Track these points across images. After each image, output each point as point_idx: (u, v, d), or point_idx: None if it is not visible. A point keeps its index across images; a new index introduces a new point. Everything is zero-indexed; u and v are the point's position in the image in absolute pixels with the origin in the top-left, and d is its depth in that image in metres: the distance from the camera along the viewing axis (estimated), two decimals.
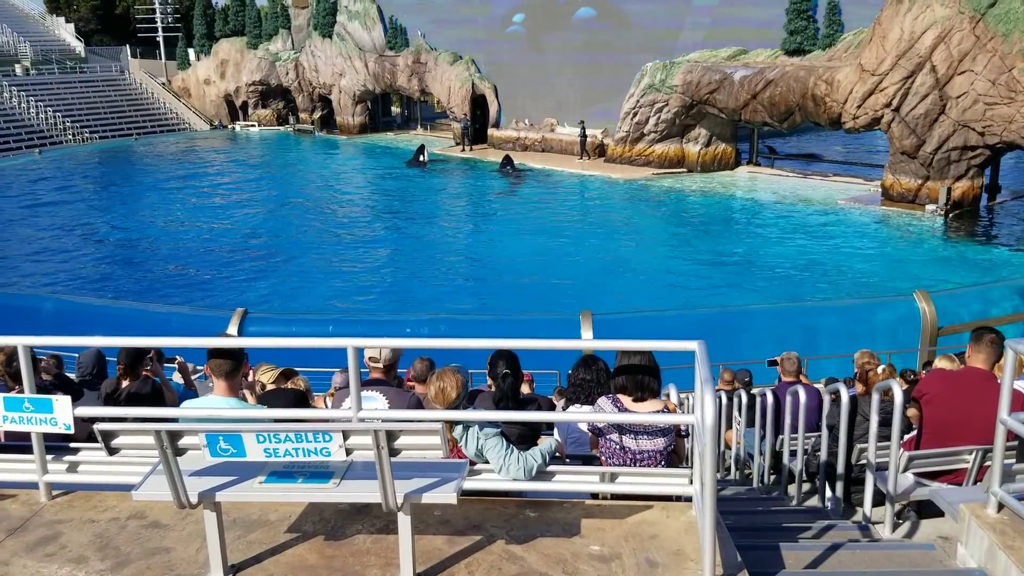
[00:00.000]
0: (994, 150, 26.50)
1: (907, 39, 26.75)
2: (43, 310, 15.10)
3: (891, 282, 20.21)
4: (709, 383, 3.39)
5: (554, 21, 40.70)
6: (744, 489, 8.44)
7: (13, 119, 49.64)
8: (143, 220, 30.57)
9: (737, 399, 9.54)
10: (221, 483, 3.46)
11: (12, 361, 5.21)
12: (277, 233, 28.22)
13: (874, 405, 5.43)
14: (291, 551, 3.78)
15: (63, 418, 3.99)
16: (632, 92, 35.50)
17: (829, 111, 29.12)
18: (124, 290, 22.01)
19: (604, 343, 4.75)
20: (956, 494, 4.67)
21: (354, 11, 49.91)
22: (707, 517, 3.33)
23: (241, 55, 56.58)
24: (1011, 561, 3.63)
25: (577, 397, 4.86)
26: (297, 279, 22.72)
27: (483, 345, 4.35)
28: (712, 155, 35.95)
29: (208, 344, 4.43)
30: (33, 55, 59.51)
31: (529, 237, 26.22)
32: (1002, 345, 5.11)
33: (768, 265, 22.82)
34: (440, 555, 3.70)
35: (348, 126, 51.79)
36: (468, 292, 21.37)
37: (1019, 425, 3.81)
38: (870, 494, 5.48)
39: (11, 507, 4.30)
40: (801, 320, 14.93)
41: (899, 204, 28.12)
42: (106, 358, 7.02)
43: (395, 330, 13.67)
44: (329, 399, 6.76)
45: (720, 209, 30.05)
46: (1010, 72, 24.42)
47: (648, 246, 25.24)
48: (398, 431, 3.40)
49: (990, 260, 23.08)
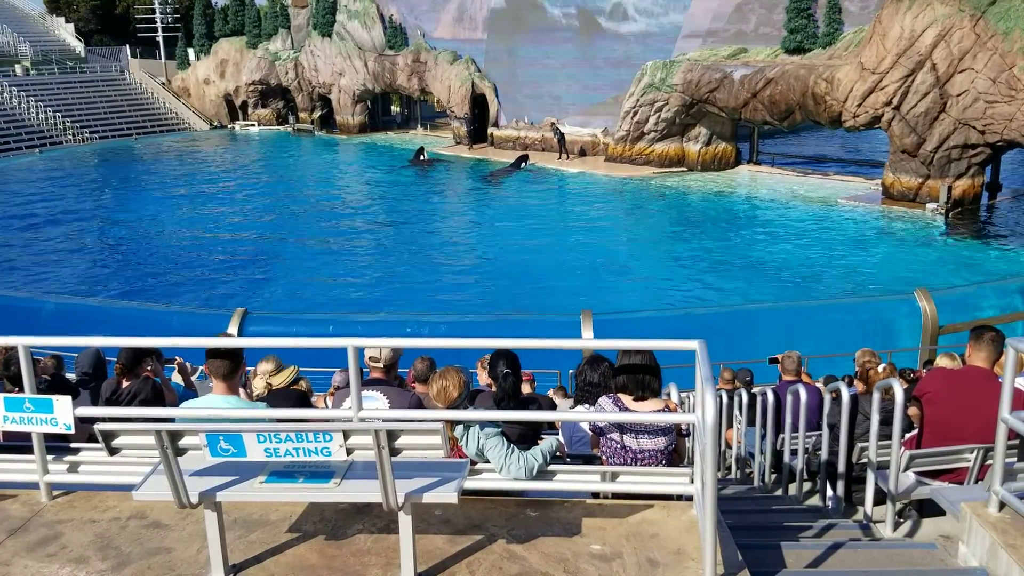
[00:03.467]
0: (995, 148, 26.49)
1: (907, 37, 26.73)
2: (43, 310, 15.11)
3: (892, 281, 20.21)
4: (710, 382, 3.38)
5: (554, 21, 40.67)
6: (745, 488, 8.43)
7: (13, 119, 49.63)
8: (143, 220, 30.56)
9: (738, 398, 9.53)
10: (222, 483, 3.46)
11: (10, 364, 5.20)
12: (277, 233, 28.22)
13: (875, 404, 5.42)
14: (292, 551, 3.77)
15: (63, 418, 3.99)
16: (632, 91, 35.47)
17: (829, 110, 29.11)
18: (124, 290, 22.01)
19: (605, 342, 4.74)
20: (957, 493, 4.66)
21: (353, 10, 49.89)
22: (708, 516, 3.33)
23: (240, 55, 56.56)
24: (1013, 560, 3.63)
25: (585, 400, 4.84)
26: (297, 279, 22.71)
27: (483, 345, 4.35)
28: (712, 154, 35.94)
29: (208, 344, 4.43)
30: (33, 55, 59.51)
31: (529, 236, 26.21)
32: (1002, 343, 5.11)
33: (768, 264, 22.81)
34: (441, 555, 3.70)
35: (348, 125, 51.77)
36: (468, 292, 21.36)
37: (1020, 424, 3.81)
38: (871, 493, 5.48)
39: (12, 507, 4.30)
40: (802, 319, 14.92)
41: (900, 203, 28.11)
42: (105, 358, 7.02)
43: (395, 330, 13.67)
44: (329, 399, 6.77)
45: (720, 208, 30.04)
46: (1010, 70, 24.40)
47: (648, 245, 25.23)
48: (399, 431, 3.40)
49: (991, 258, 23.06)
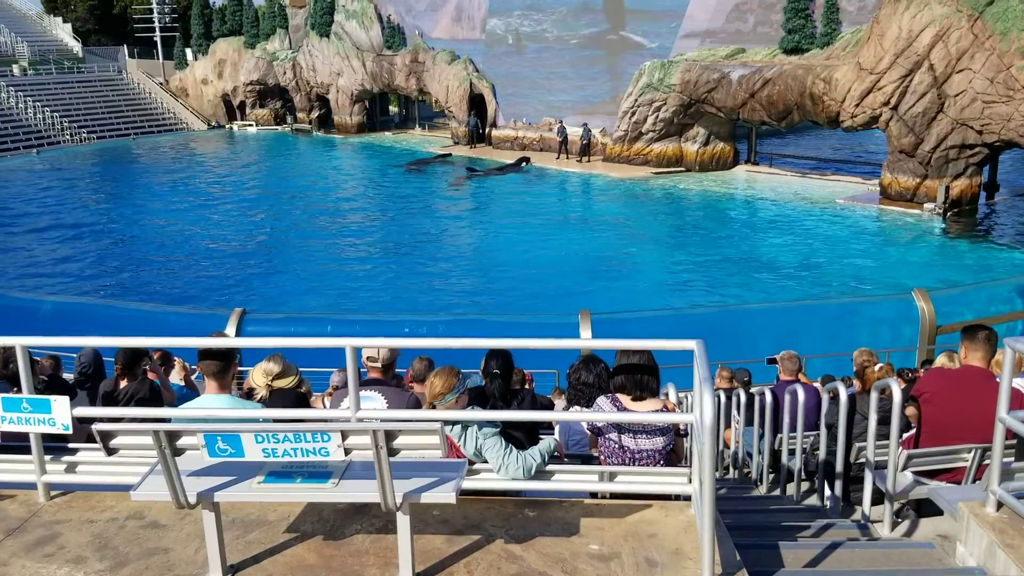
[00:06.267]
0: (992, 148, 26.51)
1: (905, 38, 26.75)
2: (41, 310, 15.09)
3: (890, 281, 20.22)
4: (708, 382, 3.39)
5: (552, 21, 40.67)
6: (743, 488, 8.44)
7: (11, 119, 49.54)
8: (141, 220, 30.50)
9: (736, 398, 9.54)
10: (220, 483, 3.45)
11: (8, 364, 5.20)
12: (275, 233, 28.19)
13: (873, 404, 5.42)
14: (290, 551, 3.77)
15: (61, 419, 3.98)
16: (630, 91, 35.47)
17: (827, 110, 29.12)
18: (122, 290, 21.98)
19: (603, 342, 4.74)
20: (955, 493, 4.67)
21: (352, 10, 49.85)
22: (706, 516, 3.33)
23: (238, 55, 56.50)
24: (1010, 560, 3.63)
25: (578, 399, 4.84)
26: (295, 279, 22.70)
27: (481, 344, 4.35)
28: (710, 154, 35.95)
29: (206, 344, 4.43)
30: (30, 55, 59.38)
31: (527, 236, 26.20)
32: (996, 341, 5.12)
33: (766, 264, 22.82)
34: (439, 555, 3.70)
35: (346, 125, 51.73)
36: (466, 291, 21.35)
37: (1018, 424, 3.81)
38: (869, 493, 5.48)
39: (9, 507, 4.29)
40: (800, 319, 14.93)
41: (897, 203, 28.12)
42: (103, 358, 7.01)
43: (394, 330, 13.65)
44: (327, 399, 6.76)
45: (718, 208, 30.05)
46: (1008, 70, 24.43)
47: (646, 245, 25.23)
48: (397, 431, 3.40)
49: (988, 259, 23.09)
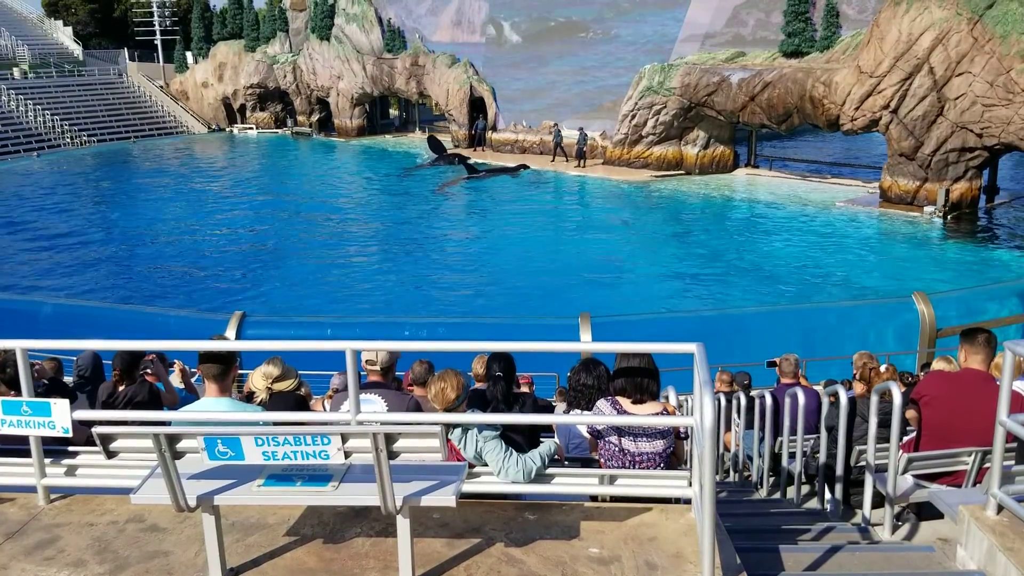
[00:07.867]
0: (992, 151, 26.53)
1: (905, 41, 26.78)
2: (41, 313, 15.08)
3: (890, 284, 20.22)
4: (708, 385, 3.38)
5: (551, 23, 40.73)
6: (743, 491, 8.44)
7: (11, 122, 49.57)
8: (141, 223, 30.51)
9: (736, 401, 9.53)
10: (219, 486, 3.45)
11: (7, 367, 5.20)
12: (275, 236, 28.19)
13: (873, 407, 5.42)
14: (290, 554, 3.77)
15: (61, 422, 3.98)
16: (630, 94, 35.51)
17: (827, 113, 29.15)
18: (122, 293, 21.98)
19: (603, 345, 4.74)
20: (955, 496, 4.66)
21: (352, 14, 49.91)
22: (706, 519, 3.32)
23: (239, 58, 56.55)
24: (1011, 563, 3.62)
25: (579, 402, 4.84)
26: (296, 282, 22.69)
27: (481, 348, 4.35)
28: (710, 157, 35.97)
29: (206, 347, 4.43)
30: (31, 58, 59.46)
31: (528, 240, 26.21)
32: (995, 344, 5.12)
33: (767, 267, 22.82)
34: (439, 558, 3.70)
35: (346, 128, 51.77)
36: (466, 295, 21.35)
37: (1018, 427, 3.81)
38: (869, 496, 5.47)
39: (9, 511, 4.29)
40: (800, 322, 14.93)
41: (897, 206, 28.13)
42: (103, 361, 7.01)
43: (393, 333, 13.65)
44: (327, 402, 6.76)
45: (718, 211, 30.07)
46: (1008, 74, 24.45)
47: (647, 248, 25.24)
48: (396, 434, 3.39)
49: (989, 262, 23.09)
